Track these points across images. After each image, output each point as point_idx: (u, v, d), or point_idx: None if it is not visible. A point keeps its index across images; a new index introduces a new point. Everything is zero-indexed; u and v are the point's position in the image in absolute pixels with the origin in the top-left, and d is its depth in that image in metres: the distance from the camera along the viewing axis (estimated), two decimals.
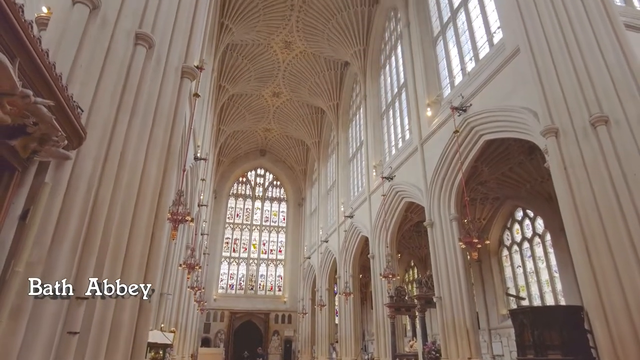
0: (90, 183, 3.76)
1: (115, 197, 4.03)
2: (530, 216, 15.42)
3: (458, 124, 11.52)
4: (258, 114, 28.47)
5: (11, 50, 2.38)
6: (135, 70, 4.66)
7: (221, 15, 19.54)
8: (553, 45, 8.15)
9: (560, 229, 11.35)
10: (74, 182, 3.62)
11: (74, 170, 3.65)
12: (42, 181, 3.27)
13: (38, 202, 3.10)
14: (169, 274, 12.15)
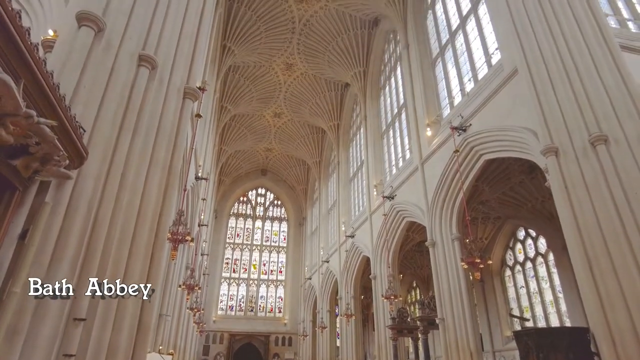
0: (90, 203, 3.76)
1: (116, 217, 4.03)
2: (533, 236, 15.32)
3: (458, 144, 11.57)
4: (259, 134, 28.67)
5: (16, 71, 2.42)
6: (138, 91, 4.72)
7: (223, 38, 19.91)
8: (551, 66, 8.26)
9: (563, 249, 11.26)
10: (75, 202, 3.62)
11: (75, 189, 3.66)
12: (43, 201, 3.27)
13: (38, 222, 3.09)
14: (168, 295, 12.00)
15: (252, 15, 19.86)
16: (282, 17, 20.32)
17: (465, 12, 13.36)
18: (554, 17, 8.62)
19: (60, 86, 2.95)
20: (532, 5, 9.04)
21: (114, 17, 4.72)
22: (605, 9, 10.21)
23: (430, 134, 14.05)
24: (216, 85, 20.05)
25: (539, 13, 8.85)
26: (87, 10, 4.36)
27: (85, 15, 4.32)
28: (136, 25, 4.98)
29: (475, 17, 12.76)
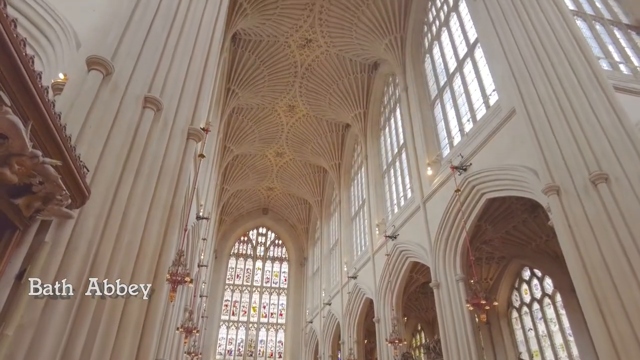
0: (90, 242, 3.73)
1: (115, 257, 3.98)
2: (538, 276, 15.01)
3: (459, 183, 11.60)
4: (261, 173, 28.87)
5: (26, 113, 2.48)
6: (143, 131, 4.81)
7: (228, 81, 20.52)
8: (547, 107, 8.42)
9: (571, 290, 11.00)
10: (74, 241, 3.60)
11: (75, 228, 3.64)
12: (42, 240, 3.24)
13: (36, 262, 3.05)
14: (166, 338, 11.62)
15: (255, 59, 20.57)
16: (284, 62, 21.02)
17: (462, 55, 13.82)
18: (548, 61, 8.89)
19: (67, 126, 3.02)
20: (527, 49, 9.35)
21: (123, 60, 4.89)
22: (597, 53, 10.56)
23: (431, 173, 14.12)
24: (220, 126, 20.44)
25: (533, 57, 9.14)
26: (97, 55, 4.53)
27: (95, 59, 4.49)
28: (143, 68, 5.15)
29: (472, 60, 13.18)
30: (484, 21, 11.42)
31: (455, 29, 14.69)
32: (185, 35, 6.39)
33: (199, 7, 7.01)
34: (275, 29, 19.26)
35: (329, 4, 18.20)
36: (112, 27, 5.20)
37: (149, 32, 5.61)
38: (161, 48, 5.69)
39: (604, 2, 12.84)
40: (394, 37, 18.09)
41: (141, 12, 5.72)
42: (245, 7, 17.18)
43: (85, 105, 4.20)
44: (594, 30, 11.49)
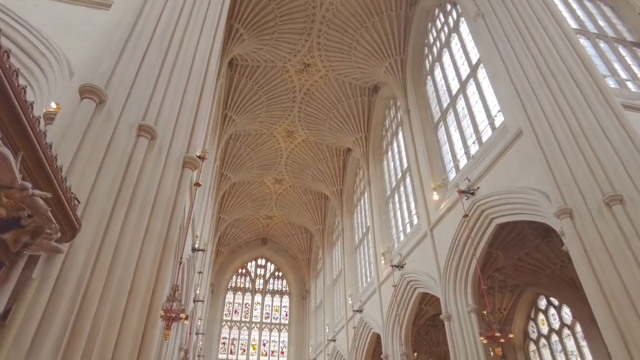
0: (80, 278, 3.70)
1: (106, 293, 3.94)
2: (556, 305, 14.73)
3: (467, 208, 11.57)
4: (260, 201, 28.85)
5: (16, 144, 2.51)
6: (136, 161, 4.85)
7: (225, 108, 20.82)
8: (555, 127, 8.50)
9: (592, 319, 10.77)
10: (63, 277, 3.57)
11: (65, 263, 3.62)
12: (30, 276, 3.22)
13: (22, 301, 3.02)
14: None
15: (253, 85, 20.94)
16: (283, 87, 21.40)
17: (465, 76, 14.06)
18: (553, 80, 9.04)
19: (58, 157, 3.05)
20: (531, 68, 9.52)
21: (116, 89, 4.99)
22: (603, 71, 10.75)
23: (437, 198, 14.10)
24: (216, 153, 20.59)
25: (537, 76, 9.30)
26: (90, 83, 4.63)
27: (88, 88, 4.58)
28: (137, 96, 5.24)
29: (475, 81, 13.40)
30: (485, 42, 11.68)
31: (456, 50, 15.01)
32: (180, 63, 6.54)
33: (193, 36, 7.21)
34: (272, 54, 19.69)
35: (327, 28, 18.68)
36: (106, 56, 5.33)
37: (143, 60, 5.75)
38: (155, 76, 5.81)
39: (607, 20, 13.17)
40: (394, 59, 18.47)
41: (135, 41, 5.88)
42: (242, 32, 17.63)
43: (77, 134, 4.26)
44: (598, 48, 11.73)
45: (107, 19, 6.95)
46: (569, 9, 13.06)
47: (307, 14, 18.24)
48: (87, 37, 6.93)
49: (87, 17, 7.62)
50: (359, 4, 17.69)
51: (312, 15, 18.30)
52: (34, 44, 6.74)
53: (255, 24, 17.82)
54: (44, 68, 6.59)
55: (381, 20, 17.95)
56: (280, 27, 18.43)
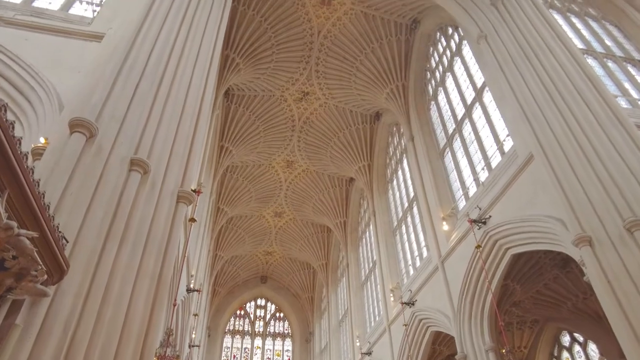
0: (67, 323, 3.64)
1: (95, 339, 3.86)
2: (580, 341, 14.36)
3: (479, 238, 11.47)
4: (258, 236, 28.67)
5: (2, 181, 2.52)
6: (128, 196, 4.86)
7: (221, 139, 21.04)
8: (568, 151, 8.53)
9: (621, 356, 10.46)
10: (49, 323, 3.51)
11: (51, 307, 3.57)
12: (13, 322, 3.16)
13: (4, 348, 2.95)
14: None
15: (250, 115, 21.24)
16: (281, 116, 21.69)
17: (470, 100, 14.26)
18: (562, 102, 9.15)
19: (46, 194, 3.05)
20: (539, 91, 9.66)
21: (107, 122, 5.07)
22: (613, 91, 10.91)
23: (447, 229, 14.01)
24: (213, 186, 20.65)
25: (546, 98, 9.42)
26: (81, 116, 4.70)
27: (78, 121, 4.65)
28: (129, 129, 5.31)
29: (481, 105, 13.58)
30: (490, 65, 11.92)
31: (460, 74, 15.29)
32: (174, 94, 6.67)
33: (188, 66, 7.38)
34: (270, 83, 20.08)
35: (325, 55, 19.12)
36: (97, 88, 5.45)
37: (135, 92, 5.87)
38: (148, 108, 5.91)
39: (614, 39, 13.48)
40: (396, 85, 18.79)
41: (127, 72, 6.01)
42: (238, 62, 18.04)
43: (66, 170, 4.29)
44: (606, 68, 11.95)
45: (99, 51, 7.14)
46: (574, 29, 13.40)
47: (305, 41, 18.71)
48: (79, 70, 7.10)
49: (79, 50, 7.82)
50: (357, 30, 18.16)
51: (309, 43, 18.77)
52: (24, 78, 6.90)
53: (251, 53, 18.26)
54: (33, 102, 6.72)
55: (381, 46, 18.38)
56: (277, 55, 18.86)
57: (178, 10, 8.10)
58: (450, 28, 16.29)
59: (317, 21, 18.08)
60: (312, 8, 17.60)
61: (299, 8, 17.62)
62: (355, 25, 18.06)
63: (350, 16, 17.84)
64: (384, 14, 17.65)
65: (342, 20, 18.03)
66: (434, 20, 17.02)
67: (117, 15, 8.41)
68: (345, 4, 17.40)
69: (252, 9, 17.23)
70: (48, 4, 9.52)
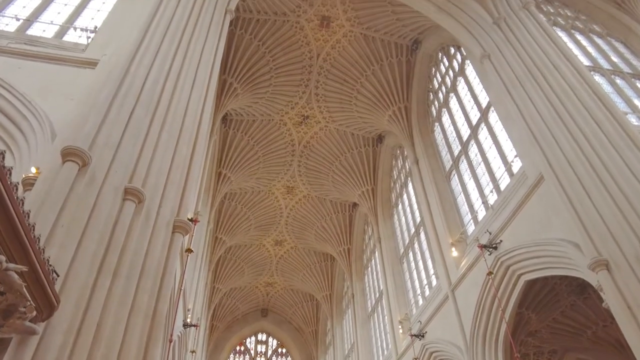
0: None
1: None
2: None
3: (490, 264, 11.35)
4: (258, 266, 28.43)
5: None
6: (122, 227, 4.85)
7: (219, 165, 21.13)
8: (579, 171, 8.53)
9: None
10: None
11: (40, 346, 3.51)
12: None
13: None
14: None
15: (249, 140, 21.40)
16: (280, 141, 21.84)
17: (475, 121, 14.35)
18: (571, 121, 9.21)
19: (37, 226, 3.05)
20: (546, 110, 9.73)
21: (101, 150, 5.10)
22: (623, 108, 10.98)
23: (456, 255, 13.88)
24: (210, 215, 20.61)
25: (554, 118, 9.49)
26: (73, 145, 4.73)
27: (70, 150, 4.68)
28: (123, 157, 5.34)
29: (487, 125, 13.66)
30: (495, 84, 12.05)
31: (464, 94, 15.45)
32: (170, 120, 6.73)
33: (184, 92, 7.48)
34: (268, 107, 20.30)
35: (325, 78, 19.39)
36: (90, 116, 5.50)
37: (130, 119, 5.92)
38: (144, 135, 5.96)
39: (620, 55, 13.67)
40: (398, 107, 18.98)
41: (122, 98, 6.09)
42: (236, 86, 18.29)
43: (58, 200, 4.29)
44: (615, 85, 12.07)
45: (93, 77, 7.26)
46: (579, 46, 13.61)
47: (304, 65, 19.01)
48: (72, 97, 7.19)
49: (72, 77, 7.95)
50: (357, 52, 18.48)
51: (308, 66, 19.06)
52: (16, 106, 6.99)
53: (249, 77, 18.53)
54: (25, 131, 6.78)
55: (382, 68, 18.66)
56: (276, 79, 19.14)
57: (174, 35, 8.27)
58: (452, 48, 16.55)
59: (316, 44, 18.41)
60: (310, 31, 17.95)
61: (297, 31, 17.97)
62: (355, 47, 18.38)
63: (350, 38, 18.17)
64: (384, 35, 17.98)
65: (341, 43, 18.36)
66: (435, 40, 17.32)
67: (111, 42, 8.58)
68: (344, 26, 17.75)
69: (250, 33, 17.58)
70: (42, 31, 9.75)
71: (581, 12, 15.41)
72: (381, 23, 17.50)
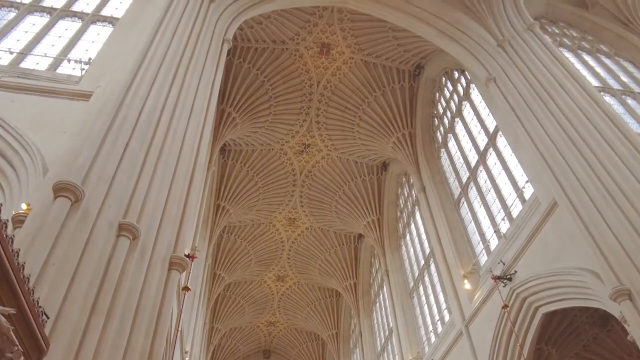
0: None
1: None
2: None
3: (505, 297, 11.20)
4: (260, 304, 28.07)
5: None
6: (116, 265, 4.82)
7: (217, 198, 21.15)
8: (594, 195, 8.51)
9: None
10: None
11: None
12: None
13: None
14: None
15: (248, 171, 21.50)
16: (281, 171, 21.93)
17: (483, 146, 14.41)
18: (583, 143, 9.24)
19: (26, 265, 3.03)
20: (556, 133, 9.78)
21: (94, 184, 5.12)
22: (636, 128, 11.04)
23: (469, 288, 13.70)
24: (208, 250, 20.50)
25: (564, 139, 9.53)
26: (66, 179, 4.75)
27: (62, 185, 4.70)
28: (118, 191, 5.36)
29: (495, 150, 13.72)
30: (501, 108, 12.17)
31: (470, 119, 15.58)
32: (167, 152, 6.79)
33: (181, 123, 7.56)
34: (268, 136, 20.49)
35: (326, 105, 19.63)
36: (83, 149, 5.55)
37: (124, 152, 5.97)
38: (139, 168, 6.00)
39: (630, 75, 13.84)
40: (402, 133, 19.12)
41: (116, 131, 6.15)
42: (234, 116, 18.52)
43: (49, 238, 4.29)
44: (626, 105, 12.18)
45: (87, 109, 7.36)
46: (587, 66, 13.80)
47: (304, 92, 19.28)
48: (64, 130, 7.28)
49: (65, 110, 8.07)
50: (358, 79, 18.76)
51: (309, 94, 19.33)
52: (7, 140, 7.07)
53: (248, 106, 18.78)
54: (16, 166, 6.84)
55: (384, 94, 18.89)
56: (275, 108, 19.38)
57: (170, 66, 8.41)
58: (456, 72, 16.80)
59: (316, 71, 18.72)
60: (310, 59, 18.29)
61: (297, 59, 18.31)
62: (356, 74, 18.68)
63: (350, 65, 18.49)
64: (385, 61, 18.29)
65: (341, 70, 18.67)
66: (438, 64, 17.60)
67: (106, 73, 8.74)
68: (344, 53, 18.09)
69: (248, 62, 17.92)
70: (36, 64, 9.96)
71: (587, 32, 15.69)
72: (382, 49, 17.82)
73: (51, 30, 11.36)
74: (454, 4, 13.79)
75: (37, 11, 11.84)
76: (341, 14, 16.96)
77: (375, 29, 17.28)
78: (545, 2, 16.11)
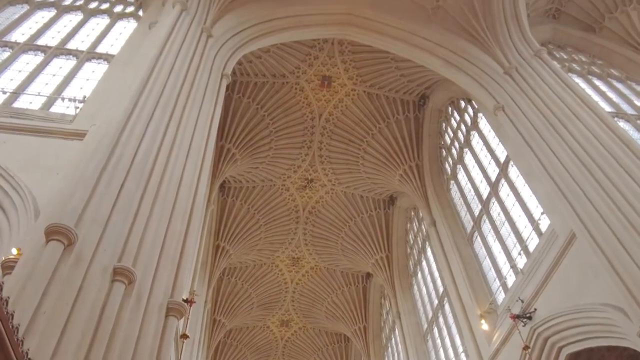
0: None
1: None
2: None
3: (526, 337, 10.96)
4: (263, 352, 27.54)
5: None
6: (110, 312, 4.77)
7: (216, 238, 21.06)
8: (614, 226, 8.43)
9: None
10: None
11: None
12: None
13: None
14: None
15: (249, 209, 21.49)
16: (283, 207, 21.91)
17: (494, 177, 14.40)
18: (600, 172, 9.22)
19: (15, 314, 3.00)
20: (571, 162, 9.78)
21: (88, 227, 5.12)
22: None
23: (487, 328, 13.43)
24: (208, 294, 20.27)
25: (579, 167, 9.53)
26: (58, 222, 4.76)
27: (55, 228, 4.70)
28: (112, 234, 5.35)
29: (507, 181, 13.70)
30: (512, 137, 12.23)
31: (479, 149, 15.64)
32: (164, 192, 6.81)
33: (178, 163, 7.62)
34: (269, 172, 20.58)
35: (328, 139, 19.79)
36: (77, 190, 5.58)
37: (120, 192, 6.00)
38: (134, 210, 6.01)
39: None
40: (409, 166, 19.17)
41: (111, 170, 6.20)
42: (234, 152, 18.67)
43: (40, 285, 4.26)
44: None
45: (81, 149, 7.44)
46: (598, 92, 13.95)
47: (305, 126, 19.49)
48: (57, 171, 7.33)
49: (58, 150, 8.16)
50: (361, 111, 18.98)
51: (310, 127, 19.54)
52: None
53: (248, 142, 18.95)
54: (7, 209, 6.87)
55: (388, 126, 19.06)
56: (276, 142, 19.55)
57: (167, 103, 8.52)
58: (462, 101, 16.99)
59: (318, 104, 18.98)
60: (311, 92, 18.58)
61: (298, 92, 18.60)
62: (359, 105, 18.91)
63: (353, 97, 18.75)
64: (389, 92, 18.55)
65: (344, 102, 18.92)
66: (443, 94, 17.83)
67: (101, 111, 8.85)
68: (346, 85, 18.38)
69: (248, 97, 18.21)
70: (29, 103, 10.15)
71: (596, 56, 15.95)
72: (385, 80, 18.10)
73: (45, 68, 11.63)
74: (458, 33, 14.06)
75: (32, 50, 12.15)
76: (342, 45, 17.32)
77: (378, 60, 17.60)
78: (552, 28, 16.45)
